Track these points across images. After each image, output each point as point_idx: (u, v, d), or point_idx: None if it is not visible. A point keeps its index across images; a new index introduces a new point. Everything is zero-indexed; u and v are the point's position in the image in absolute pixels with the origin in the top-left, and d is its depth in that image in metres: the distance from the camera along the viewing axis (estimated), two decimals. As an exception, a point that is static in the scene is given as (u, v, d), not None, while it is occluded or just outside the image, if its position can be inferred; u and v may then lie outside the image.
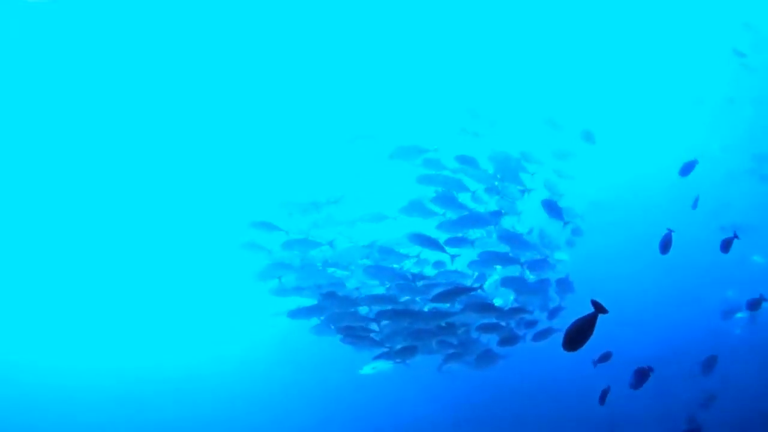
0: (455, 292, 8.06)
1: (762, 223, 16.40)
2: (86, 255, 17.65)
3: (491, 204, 8.49)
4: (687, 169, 9.13)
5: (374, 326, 8.49)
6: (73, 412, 17.57)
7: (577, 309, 9.28)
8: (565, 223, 8.80)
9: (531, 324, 8.75)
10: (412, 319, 8.25)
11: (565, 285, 8.98)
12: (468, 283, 8.45)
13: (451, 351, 8.73)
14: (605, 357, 8.46)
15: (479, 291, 8.19)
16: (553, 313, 8.97)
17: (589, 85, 17.91)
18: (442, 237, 8.18)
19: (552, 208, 8.50)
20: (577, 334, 4.53)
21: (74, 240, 17.34)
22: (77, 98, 14.53)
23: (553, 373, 14.35)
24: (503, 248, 8.58)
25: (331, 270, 8.63)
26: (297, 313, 8.85)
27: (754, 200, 17.41)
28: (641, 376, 7.78)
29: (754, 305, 10.40)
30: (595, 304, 4.40)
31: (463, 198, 8.48)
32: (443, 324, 8.34)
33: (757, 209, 17.03)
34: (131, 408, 17.73)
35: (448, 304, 8.34)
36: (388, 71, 15.78)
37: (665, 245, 7.90)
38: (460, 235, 8.26)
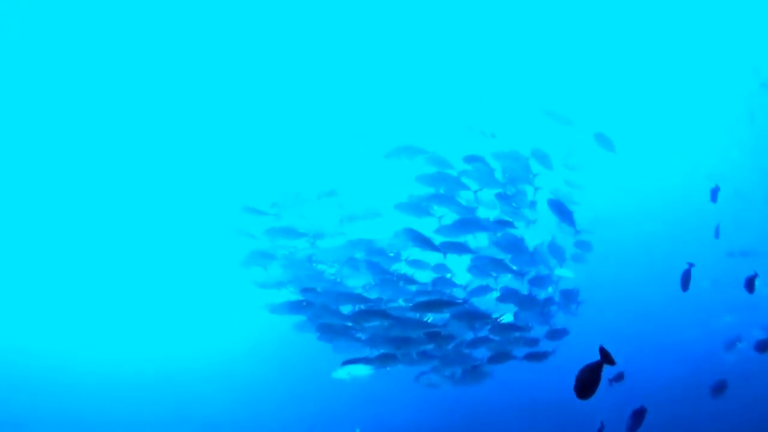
0: (439, 303, 7.54)
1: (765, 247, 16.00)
2: (71, 247, 17.11)
3: (498, 211, 7.91)
4: (714, 194, 8.67)
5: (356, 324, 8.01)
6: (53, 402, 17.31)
7: (575, 328, 8.86)
8: (577, 232, 8.18)
9: (532, 343, 8.20)
10: (390, 324, 7.73)
11: (570, 298, 8.37)
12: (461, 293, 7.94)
13: (433, 363, 8.24)
14: (619, 377, 8.08)
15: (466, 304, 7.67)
16: (554, 335, 8.38)
17: (600, 95, 17.28)
18: (438, 241, 7.63)
19: (560, 210, 7.91)
20: (588, 382, 4.39)
21: (59, 233, 16.78)
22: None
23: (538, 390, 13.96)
24: (504, 256, 8.02)
25: (318, 266, 8.15)
26: (278, 308, 8.44)
27: (761, 223, 16.96)
28: (637, 418, 7.41)
29: (763, 347, 9.90)
30: (602, 352, 4.29)
31: (468, 202, 7.92)
32: (422, 334, 7.80)
33: (763, 233, 16.61)
34: (118, 400, 17.48)
35: (429, 315, 7.85)
36: (391, 66, 15.11)
37: (685, 280, 7.47)
38: (461, 239, 7.70)
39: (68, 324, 18.12)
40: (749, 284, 7.96)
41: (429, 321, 7.89)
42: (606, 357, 4.29)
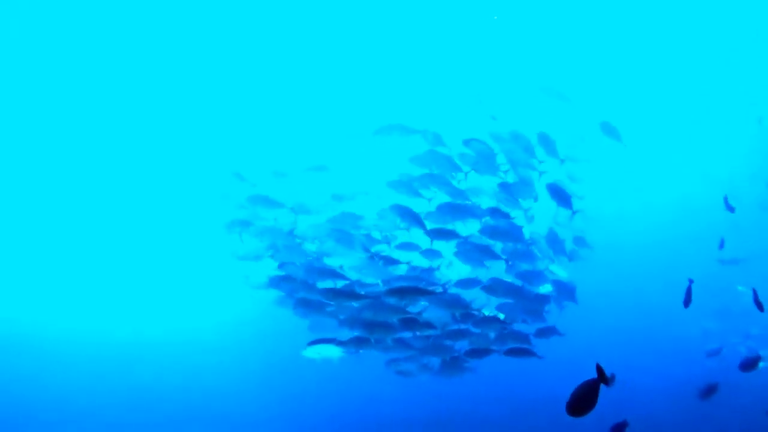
0: (415, 290, 7.20)
1: (758, 254, 15.84)
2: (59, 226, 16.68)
3: (495, 201, 7.49)
4: (727, 203, 8.37)
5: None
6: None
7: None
8: (574, 212, 7.83)
9: (523, 339, 7.84)
10: (362, 306, 7.40)
11: (566, 293, 7.99)
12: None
13: (409, 352, 7.91)
14: (612, 378, 7.78)
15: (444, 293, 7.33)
16: (542, 333, 8.02)
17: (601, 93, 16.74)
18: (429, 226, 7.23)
19: (559, 194, 7.53)
20: (583, 402, 4.14)
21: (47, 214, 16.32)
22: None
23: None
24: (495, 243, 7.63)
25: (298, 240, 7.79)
26: (259, 283, 8.15)
27: (755, 230, 16.75)
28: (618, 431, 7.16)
29: (748, 366, 9.64)
30: (599, 370, 4.12)
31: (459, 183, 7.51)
32: (397, 321, 7.47)
33: (756, 239, 16.43)
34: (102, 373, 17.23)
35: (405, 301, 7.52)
36: (390, 44, 14.50)
37: (687, 297, 7.22)
38: (449, 227, 7.29)
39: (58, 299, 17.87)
40: (757, 302, 7.65)
41: (409, 308, 7.57)
42: (602, 376, 4.09)
